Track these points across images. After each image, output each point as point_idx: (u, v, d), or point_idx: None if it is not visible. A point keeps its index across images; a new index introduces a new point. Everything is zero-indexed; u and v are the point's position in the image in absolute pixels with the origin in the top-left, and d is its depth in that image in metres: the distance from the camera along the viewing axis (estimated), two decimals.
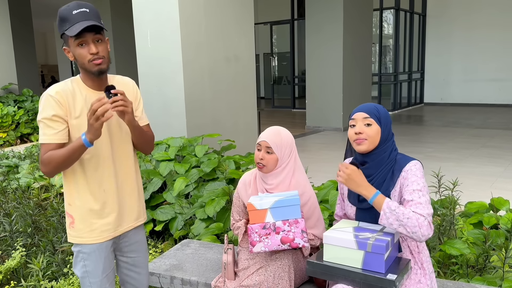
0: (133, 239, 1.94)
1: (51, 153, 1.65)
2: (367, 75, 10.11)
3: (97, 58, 1.65)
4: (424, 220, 1.60)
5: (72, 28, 1.60)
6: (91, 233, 1.78)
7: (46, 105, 1.66)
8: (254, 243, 1.85)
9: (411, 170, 1.72)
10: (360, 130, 1.75)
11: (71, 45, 1.65)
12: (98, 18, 1.67)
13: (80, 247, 1.81)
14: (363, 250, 1.63)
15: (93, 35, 1.64)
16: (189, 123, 5.12)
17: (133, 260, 1.97)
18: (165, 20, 5.02)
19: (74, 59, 1.69)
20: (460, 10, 12.78)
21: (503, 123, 9.40)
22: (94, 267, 1.80)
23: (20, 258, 2.91)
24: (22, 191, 4.26)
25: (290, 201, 1.86)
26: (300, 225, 1.84)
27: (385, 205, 1.64)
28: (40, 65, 24.03)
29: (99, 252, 1.80)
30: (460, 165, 5.72)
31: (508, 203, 3.26)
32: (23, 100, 10.12)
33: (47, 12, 18.06)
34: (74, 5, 1.64)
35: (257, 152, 2.00)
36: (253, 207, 1.86)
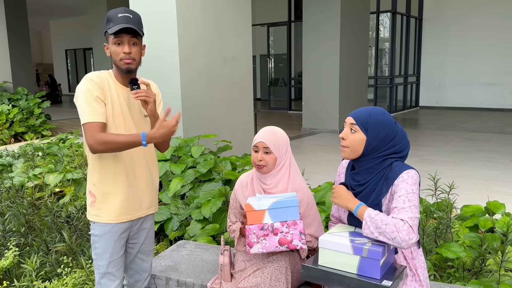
0: (143, 226, 2.05)
1: (106, 134, 1.78)
2: (363, 77, 10.13)
3: (128, 58, 1.84)
4: (404, 224, 1.55)
5: (113, 27, 1.81)
6: (110, 213, 1.89)
7: (89, 87, 1.81)
8: (252, 244, 1.82)
9: (402, 177, 1.66)
10: (344, 136, 1.73)
11: (110, 42, 1.85)
12: (138, 25, 1.87)
13: (93, 230, 1.93)
14: (359, 255, 1.61)
15: (129, 37, 1.84)
16: (186, 124, 5.10)
17: (140, 247, 2.06)
18: (162, 20, 5.00)
19: (110, 55, 1.88)
20: (456, 14, 12.84)
21: (498, 127, 9.44)
22: (102, 250, 1.91)
23: (13, 258, 2.87)
24: (15, 190, 4.22)
25: (288, 202, 1.84)
26: (298, 227, 1.82)
27: (365, 214, 1.62)
28: (35, 63, 23.91)
29: (110, 235, 1.91)
30: (456, 169, 5.74)
31: (504, 207, 3.27)
32: (18, 98, 10.05)
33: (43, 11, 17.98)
34: (121, 9, 1.87)
35: (255, 154, 1.98)
36: (251, 207, 1.84)
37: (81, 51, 22.58)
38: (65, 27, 22.25)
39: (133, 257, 2.08)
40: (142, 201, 1.99)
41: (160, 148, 2.07)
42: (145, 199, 2.00)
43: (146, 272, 2.12)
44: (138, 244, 2.06)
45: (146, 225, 2.07)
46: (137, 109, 1.95)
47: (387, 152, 1.72)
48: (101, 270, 1.92)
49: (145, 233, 2.07)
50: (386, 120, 1.73)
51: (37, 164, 4.95)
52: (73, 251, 2.94)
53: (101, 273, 1.93)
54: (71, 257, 2.88)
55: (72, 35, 22.19)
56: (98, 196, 1.91)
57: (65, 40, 22.70)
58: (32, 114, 9.65)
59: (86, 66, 22.69)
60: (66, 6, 17.02)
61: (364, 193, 1.73)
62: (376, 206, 1.71)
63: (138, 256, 2.08)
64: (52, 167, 4.56)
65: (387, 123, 1.73)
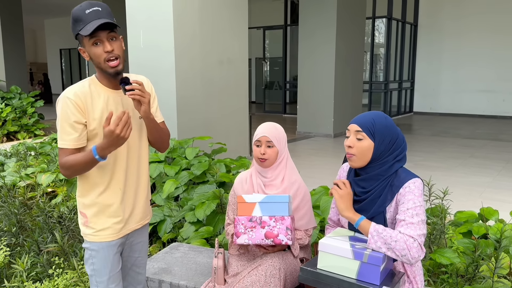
0: (138, 239, 1.96)
1: (69, 158, 1.66)
2: (358, 82, 10.16)
3: (113, 57, 1.65)
4: (414, 242, 1.54)
5: (86, 27, 1.61)
6: (105, 232, 1.79)
7: (65, 108, 1.66)
8: (239, 234, 1.86)
9: (409, 187, 1.64)
10: (351, 144, 1.69)
11: (86, 44, 1.65)
12: (111, 16, 1.67)
13: (89, 244, 1.81)
14: (359, 260, 1.59)
15: (107, 33, 1.64)
16: (180, 125, 5.09)
17: (135, 260, 1.98)
18: (159, 21, 4.99)
19: (90, 59, 1.68)
20: (451, 22, 12.94)
21: (491, 134, 9.51)
22: (101, 265, 1.80)
23: (3, 258, 2.84)
24: (7, 190, 4.17)
25: (279, 198, 1.89)
26: (285, 222, 1.85)
27: (372, 229, 1.59)
28: (29, 62, 23.75)
29: (108, 250, 1.80)
30: (449, 174, 5.76)
31: (497, 213, 3.28)
32: (11, 97, 9.96)
33: (38, 9, 17.88)
34: (87, 4, 1.65)
35: (257, 148, 2.03)
36: (242, 199, 1.91)
37: (75, 51, 22.45)
38: (60, 27, 22.14)
39: (127, 270, 1.99)
40: (135, 213, 1.89)
41: (158, 148, 1.95)
42: (139, 211, 1.91)
43: (140, 284, 2.05)
44: (133, 257, 1.97)
45: (141, 238, 1.98)
46: (130, 112, 1.76)
47: (392, 156, 1.71)
48: (100, 286, 1.81)
49: (140, 246, 1.98)
50: (389, 124, 1.73)
51: (29, 164, 4.91)
52: (65, 252, 2.91)
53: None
54: (62, 258, 2.84)
55: (66, 35, 22.05)
56: (90, 217, 1.80)
57: (60, 39, 22.57)
58: (25, 113, 9.57)
59: (80, 66, 22.58)
60: (61, 5, 16.94)
61: (369, 200, 1.71)
62: (381, 214, 1.70)
63: (132, 269, 2.00)
64: (45, 166, 4.51)
65: (390, 126, 1.72)
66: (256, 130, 2.08)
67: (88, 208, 1.79)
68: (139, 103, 1.67)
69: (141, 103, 1.67)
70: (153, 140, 1.88)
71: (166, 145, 1.95)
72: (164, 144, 1.94)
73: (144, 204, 1.93)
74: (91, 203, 1.78)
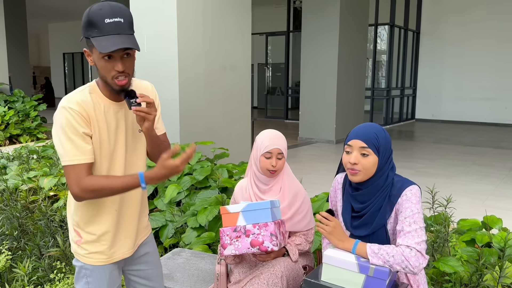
0: (141, 252, 1.80)
1: (95, 180, 1.47)
2: (360, 88, 10.17)
3: (122, 76, 1.48)
4: (410, 251, 1.52)
5: (102, 42, 1.40)
6: (100, 255, 1.64)
7: (70, 119, 1.47)
8: (225, 245, 1.86)
9: (406, 195, 1.63)
10: (356, 161, 1.65)
11: (95, 53, 1.47)
12: (131, 28, 1.50)
13: (82, 263, 1.66)
14: (364, 274, 1.57)
15: (122, 51, 1.46)
16: (183, 130, 5.09)
17: (144, 273, 1.81)
18: (163, 26, 5.01)
19: (95, 65, 1.51)
20: (454, 29, 12.96)
21: (493, 142, 9.49)
22: (98, 284, 1.65)
23: (5, 262, 2.83)
24: (9, 193, 4.17)
25: (261, 205, 1.88)
26: (269, 228, 1.84)
27: (369, 251, 1.58)
28: (33, 66, 23.83)
29: (103, 269, 1.66)
30: (452, 182, 5.74)
31: (500, 222, 3.26)
32: (14, 100, 9.99)
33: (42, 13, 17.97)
34: (108, 11, 1.42)
35: (267, 160, 1.99)
36: (226, 210, 1.90)
37: (78, 55, 22.55)
38: (64, 31, 22.24)
39: (140, 286, 1.82)
40: (139, 232, 1.75)
41: (155, 159, 1.72)
42: (142, 227, 1.78)
43: None
44: (142, 270, 1.81)
45: (146, 249, 1.82)
46: (130, 125, 1.63)
47: (388, 166, 1.70)
48: None
49: (146, 258, 1.82)
50: (387, 136, 1.73)
51: (31, 167, 4.91)
52: (67, 256, 2.90)
53: None
54: (64, 262, 2.83)
55: (70, 39, 22.17)
56: (85, 237, 1.63)
57: (63, 43, 22.67)
58: (28, 117, 9.59)
59: (84, 70, 22.66)
60: (65, 9, 17.03)
61: (369, 214, 1.69)
62: (382, 228, 1.68)
63: (146, 284, 1.82)
64: (47, 170, 4.51)
65: (388, 139, 1.72)
66: (261, 140, 2.01)
67: (83, 230, 1.63)
68: (142, 119, 1.51)
69: (144, 120, 1.51)
70: (152, 153, 1.71)
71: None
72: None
73: (144, 222, 1.80)
74: (86, 224, 1.62)
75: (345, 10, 9.02)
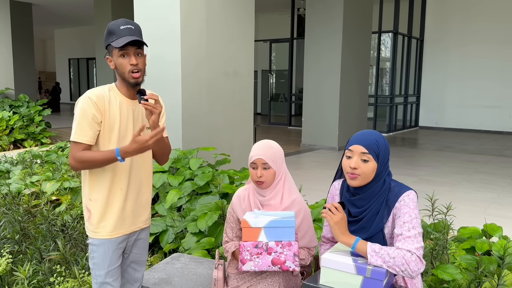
0: (139, 236, 2.08)
1: (85, 153, 1.81)
2: (364, 95, 10.18)
3: (136, 70, 1.85)
4: (412, 255, 1.55)
5: (118, 40, 1.82)
6: (105, 229, 1.92)
7: (86, 106, 1.82)
8: (245, 261, 1.81)
9: (404, 200, 1.66)
10: (356, 166, 1.69)
11: (115, 55, 1.85)
12: (140, 35, 1.90)
13: (91, 240, 1.95)
14: (362, 275, 1.59)
15: (135, 49, 1.85)
16: (185, 136, 5.11)
17: (134, 257, 2.09)
18: (167, 32, 5.05)
19: (115, 68, 1.88)
20: (458, 37, 12.98)
21: (496, 150, 9.46)
22: (101, 260, 1.93)
23: (6, 265, 2.85)
24: (12, 197, 4.20)
25: (285, 223, 1.82)
26: (293, 248, 1.80)
27: (369, 249, 1.60)
28: (38, 71, 24.02)
29: (108, 245, 1.93)
30: (453, 190, 5.73)
31: (501, 230, 3.26)
32: (19, 105, 10.07)
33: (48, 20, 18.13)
34: (122, 21, 1.87)
35: (253, 171, 1.96)
36: (247, 224, 1.83)
37: (84, 61, 22.72)
38: (69, 37, 22.44)
39: (126, 267, 2.09)
40: (137, 215, 2.02)
41: (159, 161, 2.10)
42: (141, 214, 2.04)
43: (137, 282, 2.13)
44: (132, 254, 2.08)
45: (142, 235, 2.09)
46: (140, 120, 1.97)
47: (385, 172, 1.73)
48: (98, 279, 1.94)
49: (140, 243, 2.09)
50: (387, 144, 1.76)
51: (34, 172, 4.94)
52: (67, 260, 2.92)
53: (99, 282, 1.94)
54: (64, 266, 2.85)
55: (76, 45, 22.36)
56: (94, 212, 1.93)
57: (69, 49, 22.86)
58: (32, 122, 9.67)
59: (89, 76, 22.80)
60: (71, 15, 17.19)
61: (367, 219, 1.72)
62: (380, 232, 1.70)
63: (131, 265, 2.10)
64: (50, 175, 4.55)
65: (388, 146, 1.75)
66: (251, 150, 2.01)
67: (93, 204, 1.91)
68: (150, 113, 1.83)
69: (152, 113, 1.83)
70: (155, 151, 2.04)
71: (166, 159, 2.11)
72: (164, 157, 2.09)
73: (146, 209, 2.07)
74: (94, 199, 1.91)
75: (348, 17, 9.06)
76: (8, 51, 11.46)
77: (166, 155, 2.09)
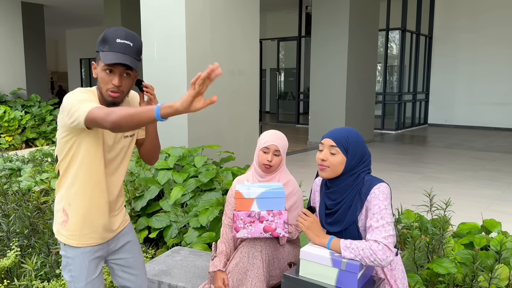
0: (123, 241, 1.96)
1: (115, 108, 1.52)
2: (370, 93, 10.18)
3: (117, 91, 1.67)
4: (378, 245, 1.63)
5: (108, 54, 1.61)
6: (80, 238, 1.80)
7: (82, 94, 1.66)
8: (238, 229, 1.95)
9: (374, 193, 1.73)
10: (324, 157, 1.79)
11: (100, 66, 1.67)
12: (137, 53, 1.68)
13: (64, 251, 1.83)
14: (337, 268, 1.68)
15: (123, 69, 1.66)
16: (191, 134, 5.20)
17: (126, 262, 1.97)
18: (172, 32, 5.14)
19: (97, 77, 1.71)
20: (467, 34, 12.88)
21: (505, 147, 9.40)
22: (78, 272, 1.81)
23: (14, 258, 2.96)
24: (22, 194, 4.33)
25: (276, 193, 1.96)
26: (283, 217, 1.95)
27: (342, 244, 1.69)
28: (50, 72, 24.37)
29: (83, 256, 1.81)
30: (458, 187, 5.74)
31: (500, 225, 3.29)
32: (31, 105, 10.28)
33: (61, 20, 18.38)
34: (122, 33, 1.65)
35: (264, 155, 2.14)
36: (240, 195, 1.97)
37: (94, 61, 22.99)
38: (81, 37, 22.70)
39: (122, 273, 1.98)
40: (116, 219, 1.91)
41: (150, 160, 1.99)
42: (120, 215, 1.94)
43: (143, 286, 2.03)
44: (123, 259, 1.97)
45: (127, 238, 1.98)
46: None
47: (360, 168, 1.81)
48: None
49: (128, 247, 1.97)
50: (360, 140, 1.84)
51: (44, 169, 5.08)
52: None
53: None
54: None
55: (87, 45, 22.62)
56: (71, 218, 1.79)
57: (80, 49, 23.13)
58: (44, 121, 9.86)
59: None
60: (82, 16, 17.42)
61: (341, 211, 1.80)
62: (353, 224, 1.78)
63: (129, 272, 1.98)
64: None
65: (361, 143, 1.83)
66: (263, 136, 2.18)
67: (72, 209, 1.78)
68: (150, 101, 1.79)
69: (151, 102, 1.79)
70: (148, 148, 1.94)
71: (156, 158, 2.00)
72: (155, 155, 1.98)
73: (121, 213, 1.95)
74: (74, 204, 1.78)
75: (355, 16, 9.07)
76: (20, 52, 11.67)
77: (157, 154, 1.98)
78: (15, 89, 11.41)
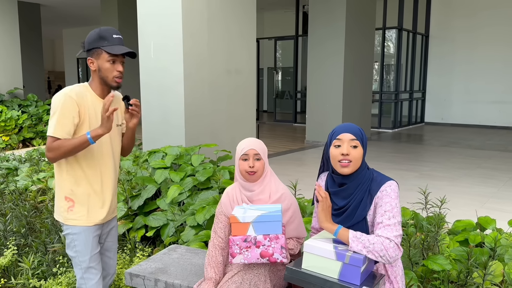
0: (110, 225, 2.26)
1: (60, 142, 1.92)
2: (367, 92, 10.21)
3: (121, 76, 2.04)
4: (390, 242, 1.64)
5: (113, 48, 1.98)
6: (88, 217, 2.07)
7: (66, 103, 1.94)
8: (234, 254, 1.89)
9: (386, 190, 1.75)
10: (347, 152, 1.78)
11: (102, 59, 2.00)
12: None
13: (70, 229, 2.07)
14: (341, 261, 1.68)
15: (122, 58, 2.04)
16: (188, 133, 5.21)
17: (107, 245, 2.27)
18: (169, 32, 5.15)
19: (95, 70, 2.02)
20: (463, 32, 12.92)
21: (501, 145, 9.44)
22: (83, 246, 2.07)
23: (11, 257, 2.97)
24: (19, 193, 4.34)
25: (272, 217, 1.90)
26: (280, 241, 1.88)
27: (351, 235, 1.69)
28: (47, 71, 24.30)
29: (88, 232, 2.08)
30: (454, 184, 5.77)
31: (494, 222, 3.31)
32: (28, 105, 10.26)
33: (58, 19, 18.34)
34: (113, 30, 2.04)
35: (245, 162, 2.04)
36: (236, 219, 1.90)
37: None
38: (77, 36, 22.64)
39: (101, 256, 2.26)
40: (112, 205, 2.19)
41: (125, 152, 2.29)
42: (113, 203, 2.21)
43: (112, 268, 2.32)
44: (107, 243, 2.27)
45: (112, 224, 2.28)
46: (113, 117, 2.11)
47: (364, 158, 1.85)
48: (83, 265, 2.08)
49: (113, 232, 2.29)
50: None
51: (41, 169, 5.08)
52: None
53: (84, 267, 2.08)
54: (67, 257, 2.97)
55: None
56: (77, 202, 2.06)
57: (77, 48, 23.03)
58: (40, 120, 9.84)
59: None
60: (78, 15, 17.38)
61: (351, 208, 1.80)
62: (363, 220, 1.78)
63: (105, 254, 2.28)
64: None
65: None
66: (239, 146, 2.10)
67: (75, 194, 2.05)
68: (132, 117, 2.09)
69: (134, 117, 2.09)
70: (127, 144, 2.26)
71: (130, 151, 2.32)
72: (130, 149, 2.30)
73: (115, 197, 2.24)
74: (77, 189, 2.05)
75: (352, 14, 9.10)
76: (17, 52, 11.64)
77: (131, 148, 2.29)
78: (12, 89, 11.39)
